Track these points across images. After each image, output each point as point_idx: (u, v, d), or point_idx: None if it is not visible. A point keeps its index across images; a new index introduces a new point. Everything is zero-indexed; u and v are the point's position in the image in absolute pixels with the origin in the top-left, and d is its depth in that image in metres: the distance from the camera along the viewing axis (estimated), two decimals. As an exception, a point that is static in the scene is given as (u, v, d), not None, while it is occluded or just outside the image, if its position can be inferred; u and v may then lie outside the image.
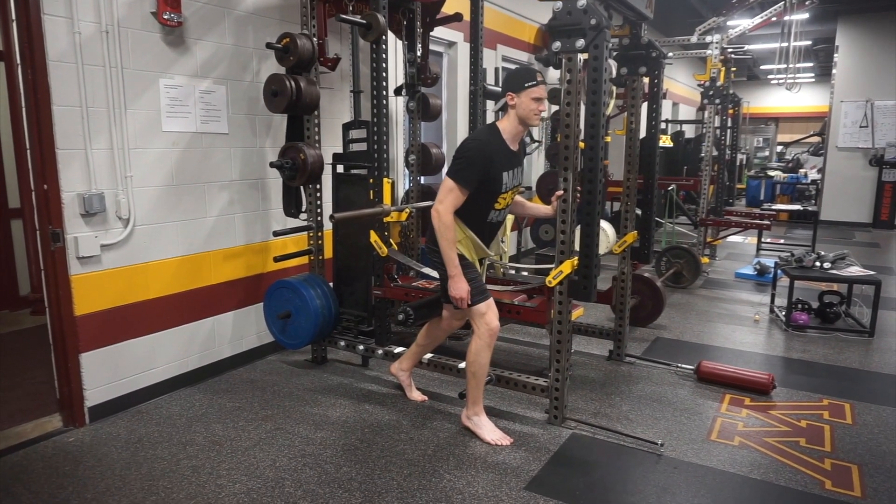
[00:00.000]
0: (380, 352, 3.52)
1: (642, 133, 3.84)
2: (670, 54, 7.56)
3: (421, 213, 4.36)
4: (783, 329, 4.65)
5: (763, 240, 7.96)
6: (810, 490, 2.50)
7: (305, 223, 3.73)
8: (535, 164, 7.28)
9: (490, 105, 5.64)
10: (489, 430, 2.86)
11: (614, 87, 5.51)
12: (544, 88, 2.68)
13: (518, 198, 3.05)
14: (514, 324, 4.44)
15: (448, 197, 2.64)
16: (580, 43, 2.60)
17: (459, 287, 2.68)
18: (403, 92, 4.20)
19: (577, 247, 2.86)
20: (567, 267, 2.79)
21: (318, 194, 3.68)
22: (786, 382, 3.60)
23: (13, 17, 2.69)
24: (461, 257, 2.75)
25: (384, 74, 3.27)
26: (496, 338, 2.81)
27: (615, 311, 3.93)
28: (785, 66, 7.92)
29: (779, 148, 19.01)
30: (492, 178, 2.69)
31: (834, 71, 10.54)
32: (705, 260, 6.89)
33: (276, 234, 3.65)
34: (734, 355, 4.08)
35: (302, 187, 3.63)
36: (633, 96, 3.69)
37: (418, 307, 3.18)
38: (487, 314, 2.75)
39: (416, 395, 3.30)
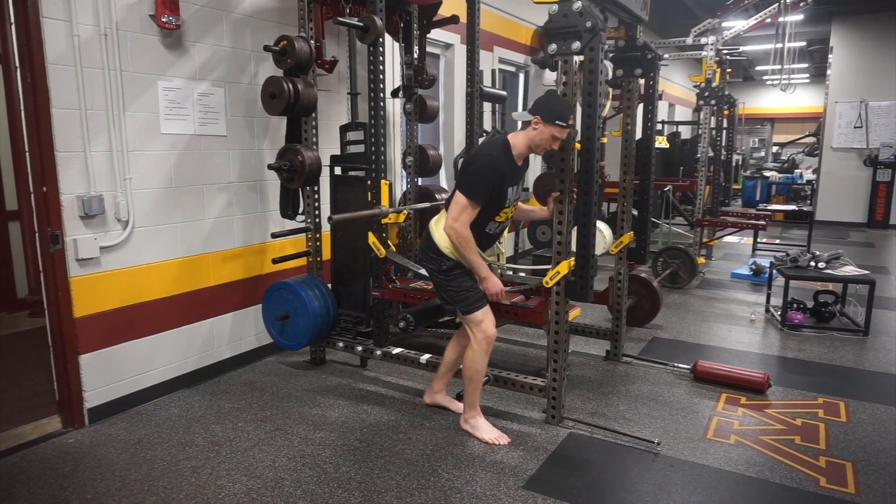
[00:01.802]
0: (378, 352, 3.54)
1: (638, 134, 3.87)
2: (666, 56, 7.59)
3: (419, 215, 4.38)
4: (779, 328, 4.68)
5: (759, 240, 8.00)
6: (805, 487, 2.52)
7: (304, 225, 3.74)
8: (533, 166, 7.30)
9: (487, 106, 5.66)
10: (487, 430, 2.88)
11: (610, 89, 5.54)
12: (568, 131, 2.65)
13: None
14: (512, 324, 4.46)
15: (463, 215, 2.65)
16: (576, 45, 2.62)
17: (493, 284, 2.79)
18: (400, 94, 4.21)
19: (573, 248, 2.88)
20: (564, 268, 2.81)
21: (316, 196, 3.70)
22: (781, 381, 3.63)
23: (12, 20, 2.70)
24: (458, 265, 2.78)
25: (381, 76, 3.28)
26: (493, 345, 2.83)
27: (612, 312, 3.95)
28: (780, 67, 7.95)
29: (774, 148, 19.08)
30: (498, 194, 2.71)
31: (828, 72, 10.60)
32: (701, 260, 6.92)
33: (274, 235, 3.66)
34: (730, 355, 4.11)
35: (300, 189, 3.64)
36: (628, 98, 3.72)
37: (418, 313, 3.20)
38: (484, 321, 2.78)
39: (458, 406, 3.14)
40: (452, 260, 2.78)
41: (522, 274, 5.44)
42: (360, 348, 3.62)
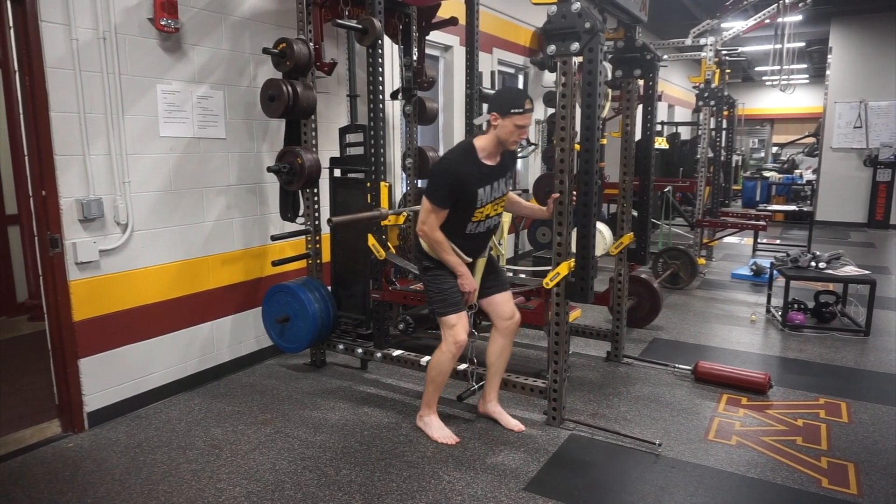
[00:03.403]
0: (378, 355, 3.53)
1: (638, 135, 3.87)
2: (665, 56, 7.58)
3: (418, 217, 4.37)
4: (779, 329, 4.67)
5: (759, 240, 7.99)
6: (807, 488, 2.51)
7: (303, 227, 3.74)
8: (532, 167, 7.31)
9: (486, 107, 5.65)
10: (437, 429, 2.92)
11: (609, 90, 5.54)
12: (530, 116, 2.66)
13: (515, 197, 3.07)
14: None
15: (429, 218, 2.71)
16: (575, 46, 2.62)
17: (469, 282, 2.81)
18: (400, 96, 4.21)
19: (573, 249, 2.88)
20: (564, 269, 2.81)
21: (316, 198, 3.69)
22: (782, 382, 3.62)
23: (10, 24, 2.70)
24: (438, 266, 2.81)
25: (381, 78, 3.29)
26: (462, 351, 2.83)
27: (612, 313, 3.94)
28: (779, 67, 7.95)
29: (774, 149, 19.08)
30: (465, 197, 2.70)
31: (828, 72, 10.60)
32: (702, 261, 6.91)
33: (274, 238, 3.66)
34: (731, 355, 4.10)
35: (299, 191, 3.64)
36: (628, 99, 3.71)
37: (418, 315, 3.20)
38: (457, 326, 2.78)
39: (514, 424, 3.00)
40: (433, 259, 2.81)
41: (523, 275, 5.44)
42: (360, 350, 3.61)
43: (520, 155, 6.81)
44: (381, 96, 3.31)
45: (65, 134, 2.79)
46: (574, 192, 2.83)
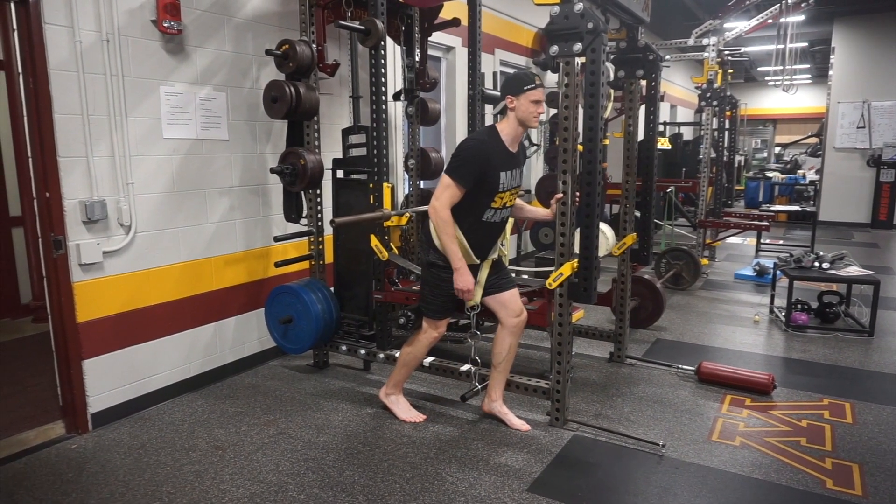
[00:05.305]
0: (381, 356, 3.53)
1: (640, 136, 3.86)
2: (667, 57, 7.57)
3: (421, 217, 4.38)
4: (783, 329, 4.66)
5: (762, 241, 7.97)
6: (811, 489, 2.51)
7: (306, 228, 3.74)
8: (535, 168, 7.30)
9: (489, 109, 5.66)
10: (403, 410, 3.10)
11: (612, 91, 5.54)
12: (542, 91, 2.72)
13: (517, 201, 3.07)
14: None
15: (444, 193, 2.69)
16: (577, 47, 2.62)
17: (465, 280, 2.75)
18: (402, 97, 4.22)
19: (576, 249, 2.88)
20: (567, 269, 2.81)
21: (319, 199, 3.70)
22: (786, 382, 3.61)
23: (14, 26, 2.71)
24: (445, 266, 2.79)
25: (383, 80, 3.29)
26: (434, 343, 3.01)
27: (615, 314, 3.94)
28: (781, 67, 7.95)
29: (777, 149, 19.05)
30: (489, 177, 2.71)
31: (830, 72, 10.59)
32: (705, 261, 6.90)
33: (277, 239, 3.66)
34: (734, 356, 4.09)
35: (302, 193, 3.64)
36: (630, 99, 3.71)
37: (419, 310, 3.19)
38: (440, 324, 2.97)
39: (519, 424, 3.00)
40: (442, 256, 2.79)
41: (525, 276, 5.44)
42: (363, 351, 3.62)
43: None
44: (383, 97, 3.31)
45: (68, 135, 2.79)
46: (577, 193, 2.83)
